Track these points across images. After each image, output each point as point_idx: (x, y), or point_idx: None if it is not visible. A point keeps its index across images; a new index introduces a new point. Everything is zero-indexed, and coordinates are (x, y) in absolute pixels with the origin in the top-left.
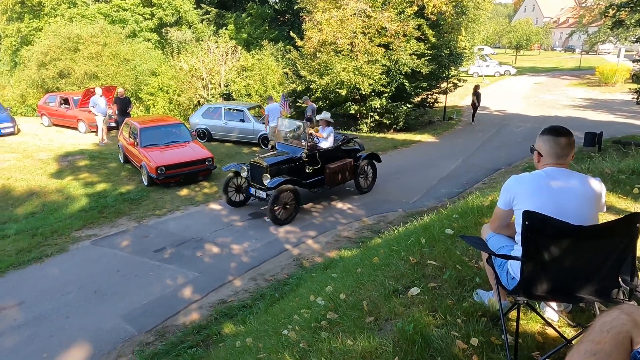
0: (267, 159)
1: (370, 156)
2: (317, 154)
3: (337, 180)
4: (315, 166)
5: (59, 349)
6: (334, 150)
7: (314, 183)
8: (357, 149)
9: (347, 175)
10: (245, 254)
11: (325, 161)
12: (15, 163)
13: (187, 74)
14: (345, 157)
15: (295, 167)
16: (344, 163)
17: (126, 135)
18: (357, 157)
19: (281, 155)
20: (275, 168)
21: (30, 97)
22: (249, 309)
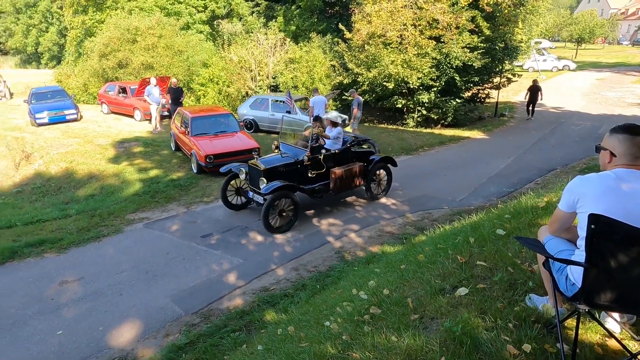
0: (264, 160)
1: (385, 160)
2: (321, 157)
3: (343, 186)
4: (320, 170)
5: (113, 324)
6: (342, 153)
7: (318, 189)
8: (369, 151)
9: (355, 181)
10: (288, 243)
11: (332, 165)
12: (78, 147)
13: (237, 66)
14: (354, 160)
15: (296, 170)
16: (352, 167)
17: (178, 124)
18: (370, 160)
19: (282, 157)
20: (273, 171)
21: (92, 85)
22: (291, 298)
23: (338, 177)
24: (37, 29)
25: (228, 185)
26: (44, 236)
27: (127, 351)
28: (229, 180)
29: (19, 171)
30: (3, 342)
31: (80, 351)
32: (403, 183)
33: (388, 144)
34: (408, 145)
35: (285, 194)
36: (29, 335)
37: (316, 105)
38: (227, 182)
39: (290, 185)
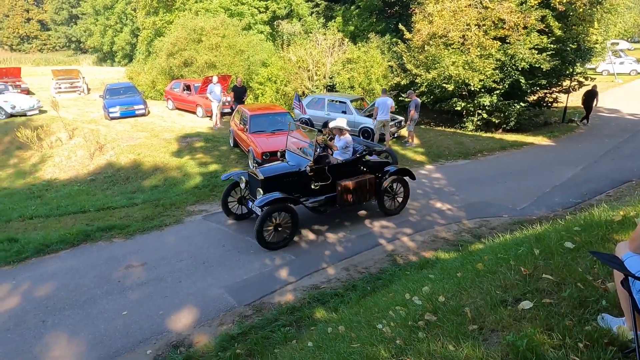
0: (264, 169)
1: (401, 172)
2: (326, 167)
3: (351, 200)
4: (325, 182)
5: (172, 309)
6: (350, 163)
7: (322, 202)
8: (383, 162)
9: (365, 194)
10: (340, 243)
11: (338, 176)
12: (145, 141)
13: (295, 65)
14: (365, 171)
15: (298, 181)
16: (362, 179)
17: (237, 121)
18: (385, 172)
19: (284, 166)
20: (272, 181)
21: (159, 83)
22: (341, 298)
23: (345, 189)
24: (112, 29)
25: (229, 193)
26: (113, 222)
27: (184, 336)
28: (230, 188)
29: (93, 161)
30: (77, 317)
31: (142, 332)
32: (459, 188)
33: (445, 147)
34: (466, 149)
35: (282, 207)
36: (98, 313)
37: (381, 107)
38: (228, 190)
39: (286, 198)
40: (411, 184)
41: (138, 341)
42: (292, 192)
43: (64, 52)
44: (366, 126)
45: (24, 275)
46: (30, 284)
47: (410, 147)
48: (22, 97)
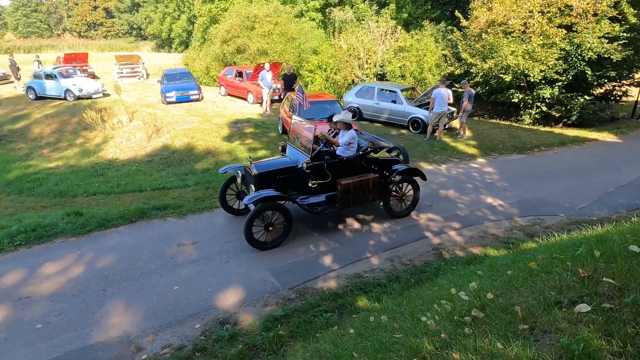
0: (259, 164)
1: (410, 172)
2: (324, 164)
3: (352, 200)
4: (323, 180)
5: (219, 287)
6: (352, 161)
7: (320, 202)
8: (391, 160)
9: (368, 194)
10: (384, 234)
11: (339, 174)
12: (198, 125)
13: (345, 53)
14: (369, 170)
15: (295, 178)
16: (365, 178)
17: (286, 108)
18: (393, 170)
19: (280, 161)
20: (267, 177)
21: (213, 69)
22: (384, 288)
23: (345, 189)
24: (171, 16)
25: (227, 187)
26: (168, 202)
27: (230, 314)
28: (228, 183)
29: (150, 143)
30: (133, 289)
31: (191, 307)
32: (512, 184)
33: (499, 140)
34: (521, 143)
35: (273, 206)
36: (151, 286)
37: (438, 98)
38: (226, 184)
39: (278, 196)
40: (460, 176)
41: (188, 315)
42: (289, 190)
43: (126, 38)
44: (416, 116)
45: (87, 247)
46: (93, 255)
47: (462, 140)
48: (88, 81)
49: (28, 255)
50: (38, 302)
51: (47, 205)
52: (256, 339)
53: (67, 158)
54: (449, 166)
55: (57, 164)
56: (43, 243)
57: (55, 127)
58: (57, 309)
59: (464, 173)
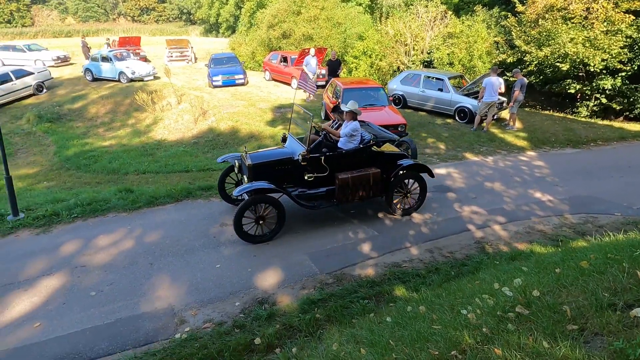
0: (255, 155)
1: (415, 167)
2: (322, 157)
3: (351, 195)
4: (321, 173)
5: (259, 268)
6: (353, 154)
7: (318, 195)
8: (396, 154)
9: (368, 190)
10: (425, 224)
11: (339, 168)
12: (243, 109)
13: (392, 39)
14: (371, 164)
15: (291, 170)
16: (365, 173)
17: (330, 94)
18: (398, 165)
19: (276, 152)
20: (261, 168)
21: (258, 54)
22: (422, 279)
23: (343, 183)
24: (219, 1)
25: (226, 176)
26: (212, 183)
27: (269, 294)
28: (227, 172)
29: (197, 125)
30: (178, 264)
31: (232, 285)
32: (564, 179)
33: (551, 133)
34: (576, 137)
35: (264, 199)
36: (195, 263)
37: (488, 87)
38: (224, 173)
39: (269, 188)
40: (507, 169)
41: (228, 292)
42: (285, 183)
43: (176, 23)
44: (463, 106)
45: (137, 222)
46: (142, 230)
47: (511, 131)
48: (140, 64)
49: (84, 227)
50: (92, 271)
51: (101, 181)
52: (293, 320)
53: (119, 137)
54: (496, 158)
55: (110, 143)
56: (97, 217)
57: (109, 108)
58: (109, 279)
59: (512, 166)
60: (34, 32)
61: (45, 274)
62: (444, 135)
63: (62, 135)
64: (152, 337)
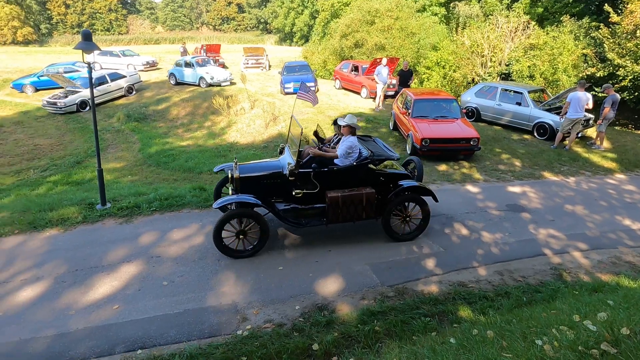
0: (244, 166)
1: (417, 190)
2: (311, 173)
3: (342, 215)
4: (311, 190)
5: (320, 274)
6: (347, 171)
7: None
8: (398, 173)
9: (360, 211)
10: (495, 244)
11: (331, 185)
12: (312, 116)
13: (467, 50)
14: (368, 182)
15: (280, 185)
16: (357, 193)
17: (400, 104)
18: (398, 186)
19: (266, 165)
20: (249, 181)
21: (330, 62)
22: (490, 302)
23: (333, 202)
24: (295, 11)
25: (222, 186)
26: None
27: (329, 301)
28: (223, 181)
29: (267, 130)
30: (243, 263)
31: (293, 288)
32: None
33: None
34: None
35: (245, 213)
36: (259, 263)
37: (574, 102)
38: (220, 182)
39: (250, 202)
40: (592, 192)
41: (289, 295)
42: (274, 197)
43: (253, 32)
44: (543, 121)
45: (208, 219)
46: (212, 227)
47: (597, 150)
48: (219, 70)
49: (160, 220)
50: (165, 262)
51: (178, 178)
52: (352, 330)
53: (196, 138)
54: (579, 179)
55: (188, 143)
56: (173, 211)
57: (189, 110)
58: (180, 271)
59: (597, 189)
60: (128, 39)
61: (125, 260)
62: (520, 151)
63: (146, 134)
64: (215, 330)
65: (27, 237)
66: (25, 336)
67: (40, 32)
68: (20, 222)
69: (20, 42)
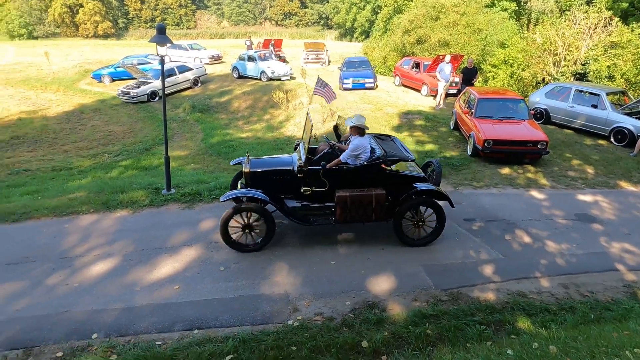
0: (256, 161)
1: (432, 193)
2: (320, 171)
3: (350, 215)
4: (320, 188)
5: (371, 271)
6: (356, 171)
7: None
8: (413, 176)
9: (369, 212)
10: (561, 255)
11: (341, 184)
12: (369, 113)
13: (539, 48)
14: (380, 183)
15: (290, 181)
16: (368, 193)
17: (462, 103)
18: (412, 188)
19: (277, 161)
20: (259, 176)
21: (390, 59)
22: (552, 315)
23: (341, 201)
24: (357, 7)
25: (238, 179)
26: None
27: (380, 299)
28: (239, 175)
29: (324, 125)
30: (296, 255)
31: (344, 284)
32: None
33: None
34: None
35: (255, 208)
36: (311, 257)
37: None
38: (237, 176)
39: (256, 197)
40: None
41: (340, 290)
42: (283, 193)
43: (314, 27)
44: (622, 126)
45: None
46: None
47: None
48: (280, 65)
49: (219, 208)
50: (223, 248)
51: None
52: (402, 330)
53: (255, 131)
54: None
55: (247, 135)
56: None
57: (249, 103)
58: (236, 258)
59: None
60: (196, 33)
61: (186, 244)
62: (594, 158)
63: (209, 124)
64: (267, 318)
65: (101, 216)
66: (97, 307)
67: (117, 26)
68: (95, 202)
69: (100, 35)
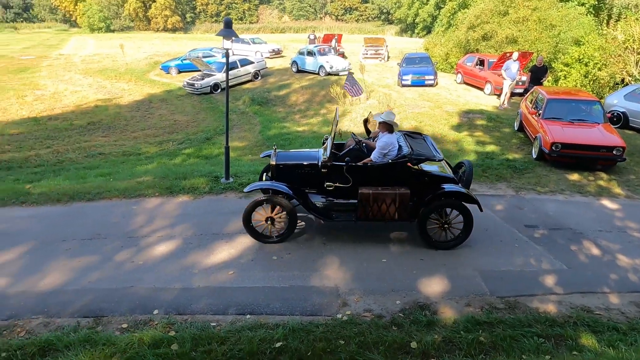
0: (282, 154)
1: (459, 195)
2: (344, 167)
3: (372, 213)
4: (343, 184)
5: (424, 272)
6: (380, 168)
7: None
8: (441, 176)
9: (393, 211)
10: (634, 271)
11: (365, 181)
12: (428, 110)
13: (620, 46)
14: (402, 183)
15: (314, 176)
16: (391, 192)
17: (529, 103)
18: (439, 189)
19: (304, 155)
20: (283, 169)
21: (452, 55)
22: (621, 335)
23: (363, 198)
24: (419, 1)
25: (267, 172)
26: None
27: (431, 302)
28: (268, 167)
29: None
30: (347, 250)
31: (394, 282)
32: None
33: None
34: None
35: (279, 201)
36: (363, 252)
37: None
38: (265, 168)
39: (278, 191)
40: None
41: (390, 289)
42: (307, 187)
43: (374, 22)
44: None
45: None
46: None
47: None
48: (338, 60)
49: None
50: None
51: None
52: (454, 335)
53: (311, 125)
54: None
55: (303, 129)
56: None
57: (306, 97)
58: (289, 249)
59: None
60: (257, 27)
61: (242, 232)
62: None
63: (267, 117)
64: (317, 310)
65: (165, 200)
66: (159, 285)
67: (185, 20)
68: (160, 187)
69: (170, 29)
